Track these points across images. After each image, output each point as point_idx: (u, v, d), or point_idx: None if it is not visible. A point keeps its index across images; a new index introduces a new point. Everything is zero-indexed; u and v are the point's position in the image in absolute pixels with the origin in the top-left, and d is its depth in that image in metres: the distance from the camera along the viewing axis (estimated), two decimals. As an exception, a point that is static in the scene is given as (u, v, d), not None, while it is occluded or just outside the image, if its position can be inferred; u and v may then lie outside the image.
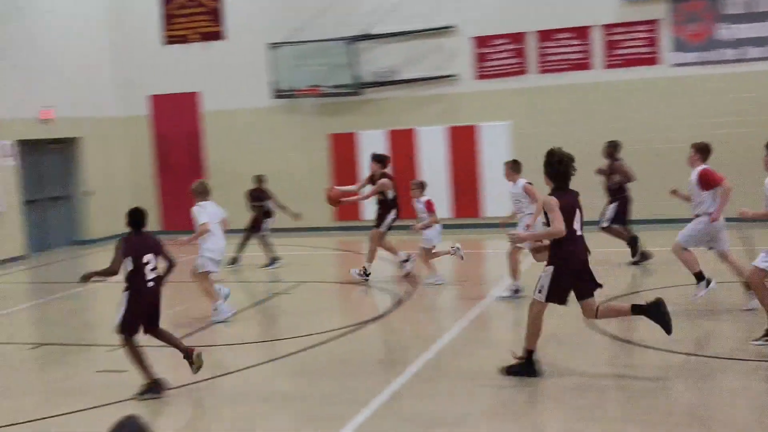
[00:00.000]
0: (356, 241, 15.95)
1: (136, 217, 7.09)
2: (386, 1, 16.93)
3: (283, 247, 14.26)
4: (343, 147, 17.68)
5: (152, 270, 7.08)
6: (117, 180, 18.66)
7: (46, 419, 6.65)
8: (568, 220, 6.69)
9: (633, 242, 11.93)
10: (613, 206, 12.01)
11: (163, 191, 18.84)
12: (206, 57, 18.36)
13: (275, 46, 17.36)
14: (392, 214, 11.76)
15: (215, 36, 18.28)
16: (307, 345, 8.42)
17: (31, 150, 16.89)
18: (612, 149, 12.19)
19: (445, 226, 12.25)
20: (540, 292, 6.78)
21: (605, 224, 12.03)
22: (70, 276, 14.61)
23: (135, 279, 6.98)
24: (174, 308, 10.43)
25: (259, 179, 13.93)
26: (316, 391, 7.04)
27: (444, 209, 17.06)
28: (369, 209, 17.48)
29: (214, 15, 18.23)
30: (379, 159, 12.06)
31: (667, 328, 6.71)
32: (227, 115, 18.34)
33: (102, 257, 15.08)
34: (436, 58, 17.02)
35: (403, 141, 17.37)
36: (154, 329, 7.29)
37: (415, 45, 17.07)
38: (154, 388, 6.93)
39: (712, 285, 9.02)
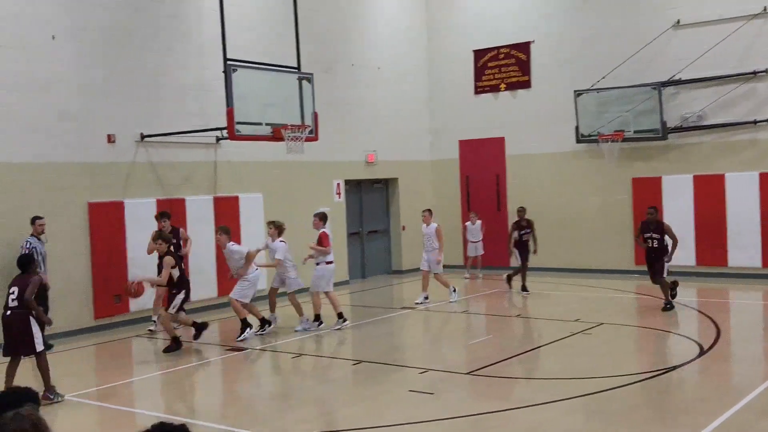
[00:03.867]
0: (654, 286, 15.79)
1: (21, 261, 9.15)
2: (694, 46, 16.64)
3: (583, 288, 14.57)
4: (647, 191, 17.56)
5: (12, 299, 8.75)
6: (426, 217, 20.29)
7: (365, 429, 7.71)
8: None
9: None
10: None
11: (466, 228, 20.10)
12: (513, 104, 19.41)
13: (579, 93, 17.86)
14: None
15: (522, 85, 19.26)
16: (603, 387, 8.59)
17: (356, 188, 19.15)
18: None
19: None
20: None
21: None
22: (385, 302, 16.33)
23: None
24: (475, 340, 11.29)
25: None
26: (609, 433, 7.23)
27: (756, 258, 16.33)
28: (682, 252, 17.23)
29: (523, 66, 19.23)
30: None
31: None
32: (530, 158, 19.17)
33: (411, 287, 16.66)
34: (747, 103, 16.36)
35: (710, 187, 16.85)
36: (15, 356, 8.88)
37: (724, 90, 16.53)
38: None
39: None
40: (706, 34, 16.57)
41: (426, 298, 14.90)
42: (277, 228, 12.60)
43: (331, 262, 12.76)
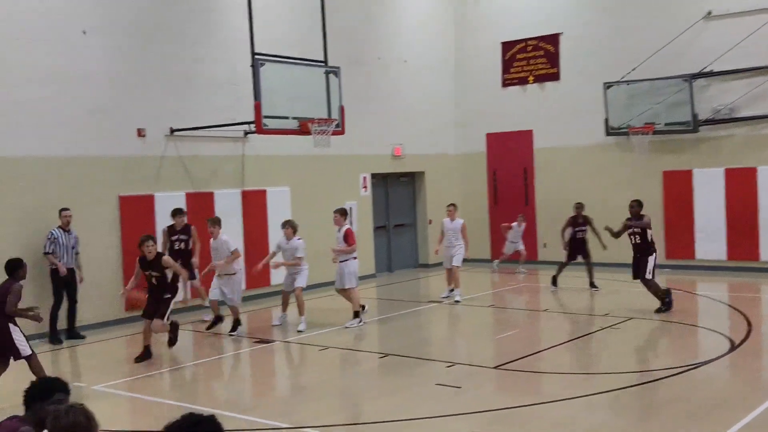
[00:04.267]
0: (686, 279, 15.63)
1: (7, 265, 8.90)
2: (726, 38, 16.38)
3: (612, 283, 14.46)
4: (678, 185, 17.38)
5: None
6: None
7: (392, 422, 7.76)
8: None
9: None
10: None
11: (493, 222, 20.02)
12: (541, 97, 19.28)
13: (609, 85, 17.68)
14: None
15: (551, 77, 19.11)
16: (634, 382, 8.55)
17: (382, 182, 19.15)
18: None
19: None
20: None
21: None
22: (412, 296, 16.33)
23: None
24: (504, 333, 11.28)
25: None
26: (639, 431, 7.16)
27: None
28: (703, 247, 17.01)
29: (551, 58, 19.08)
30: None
31: None
32: (558, 151, 19.03)
33: (437, 281, 16.62)
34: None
35: (741, 180, 16.62)
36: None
37: (757, 82, 16.26)
38: None
39: None
40: (738, 25, 16.31)
41: (451, 290, 14.80)
42: (293, 228, 12.59)
43: (355, 258, 12.77)
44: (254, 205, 15.51)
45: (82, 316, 12.74)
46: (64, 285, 12.03)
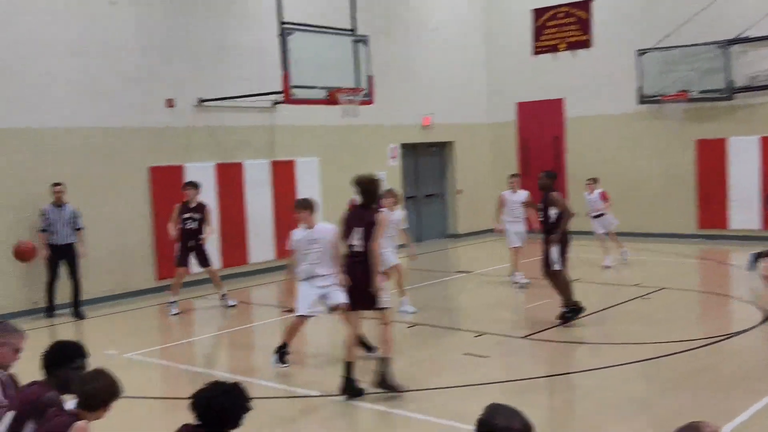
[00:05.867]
0: (719, 249, 15.42)
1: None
2: (763, 2, 15.94)
3: (644, 252, 14.30)
4: (712, 153, 17.07)
5: None
6: (482, 181, 20.15)
7: (420, 390, 7.77)
8: None
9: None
10: None
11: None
12: (573, 65, 18.97)
13: (642, 52, 17.34)
14: None
15: (583, 44, 18.79)
16: (663, 352, 8.48)
17: (412, 152, 19.06)
18: None
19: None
20: None
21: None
22: (441, 266, 16.32)
23: None
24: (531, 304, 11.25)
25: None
26: (668, 401, 7.10)
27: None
28: (737, 217, 16.76)
29: (583, 24, 18.75)
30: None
31: None
32: (590, 120, 18.76)
33: (466, 251, 16.61)
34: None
35: (778, 148, 16.29)
36: None
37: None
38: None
39: None
40: (778, -12, 15.87)
41: (523, 278, 13.09)
42: (395, 197, 11.24)
43: None
44: (283, 175, 15.55)
45: (114, 285, 12.95)
46: (57, 260, 11.84)
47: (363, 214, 7.64)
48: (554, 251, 9.95)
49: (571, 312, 10.09)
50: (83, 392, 3.93)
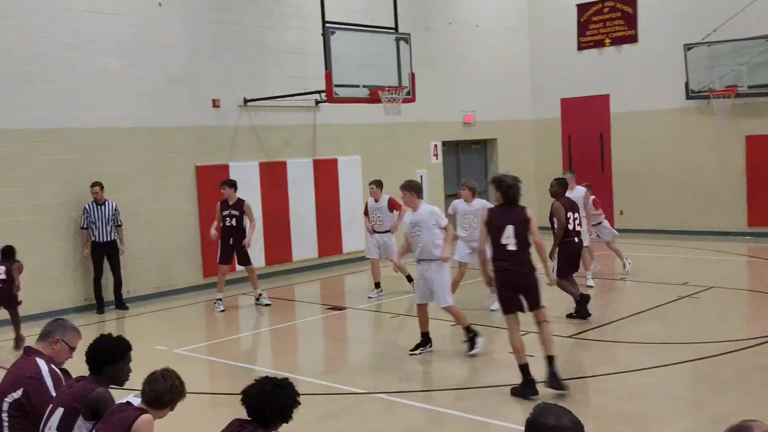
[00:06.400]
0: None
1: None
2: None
3: (692, 251, 14.05)
4: (762, 149, 16.70)
5: None
6: (525, 179, 19.86)
7: (464, 389, 7.74)
8: None
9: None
10: None
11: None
12: (618, 60, 18.71)
13: (690, 47, 17.03)
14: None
15: (628, 39, 18.52)
16: (713, 352, 8.34)
17: (453, 150, 18.99)
18: None
19: None
20: None
21: None
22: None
23: None
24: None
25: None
26: (718, 401, 6.99)
27: None
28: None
29: (629, 19, 18.48)
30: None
31: None
32: (636, 116, 18.49)
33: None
34: None
35: (832, 144, 15.87)
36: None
37: None
38: None
39: None
40: (831, -21, 15.46)
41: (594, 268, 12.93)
42: (471, 189, 11.04)
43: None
44: (326, 174, 15.63)
45: (161, 282, 13.17)
46: (102, 257, 12.20)
47: (510, 212, 7.42)
48: (550, 264, 8.92)
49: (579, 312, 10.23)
50: (152, 391, 3.96)
